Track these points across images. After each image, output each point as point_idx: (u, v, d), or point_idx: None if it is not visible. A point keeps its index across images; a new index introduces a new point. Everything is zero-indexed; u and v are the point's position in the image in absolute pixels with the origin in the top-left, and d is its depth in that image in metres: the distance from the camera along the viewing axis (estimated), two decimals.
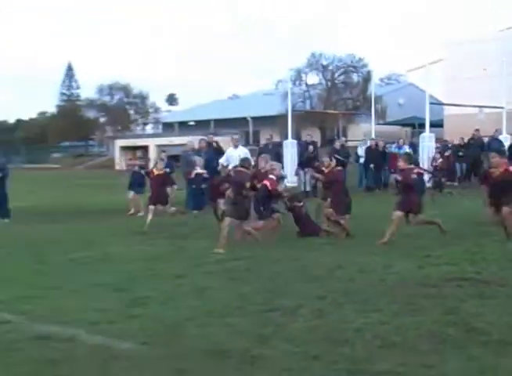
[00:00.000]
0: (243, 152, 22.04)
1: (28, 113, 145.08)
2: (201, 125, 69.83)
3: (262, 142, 40.36)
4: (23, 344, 7.32)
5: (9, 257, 13.44)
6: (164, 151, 24.59)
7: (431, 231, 14.50)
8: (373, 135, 36.40)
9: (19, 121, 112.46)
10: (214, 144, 25.14)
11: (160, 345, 7.11)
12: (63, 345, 7.25)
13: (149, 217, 17.17)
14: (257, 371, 6.23)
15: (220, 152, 24.18)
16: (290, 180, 30.60)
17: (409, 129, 53.32)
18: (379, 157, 30.99)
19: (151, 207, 17.46)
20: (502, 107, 36.08)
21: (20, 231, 15.45)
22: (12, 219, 19.93)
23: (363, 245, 13.53)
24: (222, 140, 38.88)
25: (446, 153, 29.17)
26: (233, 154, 22.13)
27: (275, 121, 52.29)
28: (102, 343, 7.29)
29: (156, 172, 18.65)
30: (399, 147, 30.54)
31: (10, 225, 18.65)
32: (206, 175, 22.07)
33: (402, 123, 56.11)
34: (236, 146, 23.51)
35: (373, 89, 49.46)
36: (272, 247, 13.53)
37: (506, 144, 30.27)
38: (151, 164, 21.29)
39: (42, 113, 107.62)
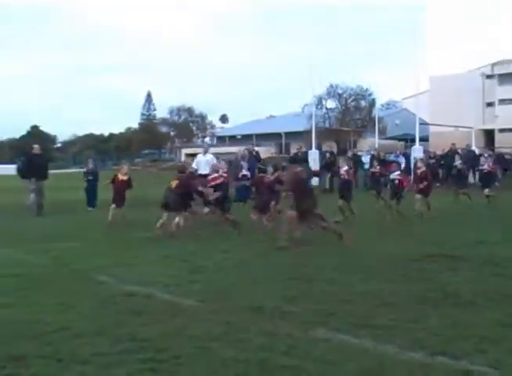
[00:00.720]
0: (210, 158, 20.26)
1: (118, 128, 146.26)
2: (246, 138, 69.82)
3: (293, 151, 40.23)
4: (115, 299, 7.52)
5: (112, 235, 13.67)
6: (217, 158, 24.15)
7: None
8: (376, 146, 36.16)
9: (111, 134, 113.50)
10: (254, 153, 24.92)
11: (213, 303, 7.24)
12: (144, 301, 7.43)
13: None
14: (286, 323, 6.34)
15: (258, 159, 24.21)
16: (313, 180, 30.64)
17: (403, 143, 52.80)
18: (380, 163, 30.83)
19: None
20: (471, 127, 38.93)
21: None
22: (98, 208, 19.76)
23: (370, 230, 13.54)
24: (261, 150, 39.16)
25: (431, 161, 29.34)
26: (201, 160, 20.22)
27: (302, 136, 51.86)
28: (171, 300, 7.45)
29: (120, 178, 16.06)
30: (396, 156, 30.43)
31: (98, 213, 18.29)
32: (248, 176, 22.30)
33: (398, 138, 55.56)
34: (205, 153, 21.00)
35: (376, 112, 49.42)
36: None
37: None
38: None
39: (128, 129, 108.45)
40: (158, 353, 5.44)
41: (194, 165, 19.77)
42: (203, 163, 19.47)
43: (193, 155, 65.79)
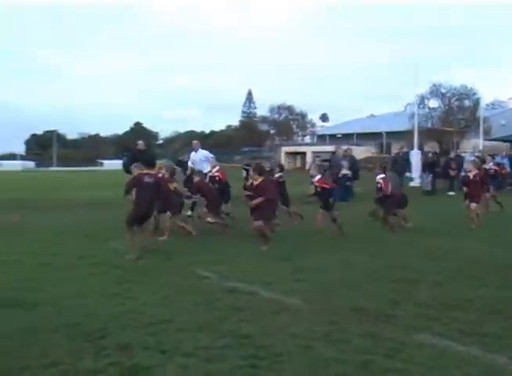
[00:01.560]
0: (203, 155, 18.44)
1: (219, 126, 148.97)
2: (346, 137, 69.36)
3: (394, 151, 39.61)
4: (218, 295, 7.59)
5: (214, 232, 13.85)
6: (317, 156, 23.82)
7: None
8: (481, 148, 34.95)
9: (212, 132, 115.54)
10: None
11: (316, 302, 7.16)
12: (246, 297, 7.45)
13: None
14: (389, 326, 6.18)
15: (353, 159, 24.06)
16: (416, 181, 30.03)
17: (508, 144, 50.78)
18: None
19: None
20: None
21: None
22: None
23: (471, 236, 13.06)
24: (361, 149, 38.67)
25: None
26: (194, 158, 18.53)
27: (403, 136, 50.87)
28: (274, 298, 7.42)
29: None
30: (502, 158, 29.22)
31: None
32: (349, 175, 22.13)
33: (504, 139, 53.52)
34: (196, 150, 18.80)
35: (481, 112, 47.63)
36: (398, 231, 13.30)
37: None
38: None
39: (229, 126, 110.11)
40: (259, 350, 5.42)
41: (190, 164, 18.47)
42: (197, 161, 18.14)
43: (293, 153, 66.39)
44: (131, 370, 4.92)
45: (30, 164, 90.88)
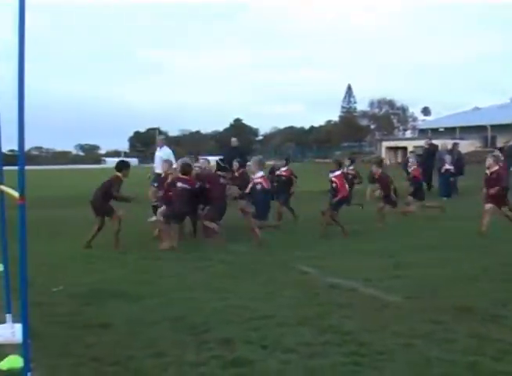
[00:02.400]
0: (165, 154, 15.75)
1: (318, 121, 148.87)
2: (448, 131, 67.46)
3: (499, 145, 38.11)
4: (319, 290, 7.57)
5: (305, 227, 13.82)
6: (412, 152, 22.83)
7: None
8: None
9: (312, 127, 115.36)
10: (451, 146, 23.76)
11: (417, 300, 6.99)
12: (346, 294, 7.38)
13: None
14: (497, 327, 5.93)
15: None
16: None
17: None
18: None
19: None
20: None
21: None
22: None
23: None
24: (465, 143, 37.38)
25: None
26: (156, 155, 16.34)
27: (509, 129, 49.01)
28: (374, 294, 7.32)
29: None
30: None
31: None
32: (452, 170, 21.49)
33: None
34: (160, 147, 16.51)
35: None
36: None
37: None
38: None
39: (328, 122, 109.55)
40: (361, 347, 5.35)
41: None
42: (158, 159, 15.61)
43: (394, 148, 65.21)
44: (233, 363, 4.96)
45: (134, 161, 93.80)
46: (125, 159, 14.41)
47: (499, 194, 12.13)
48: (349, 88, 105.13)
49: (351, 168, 15.25)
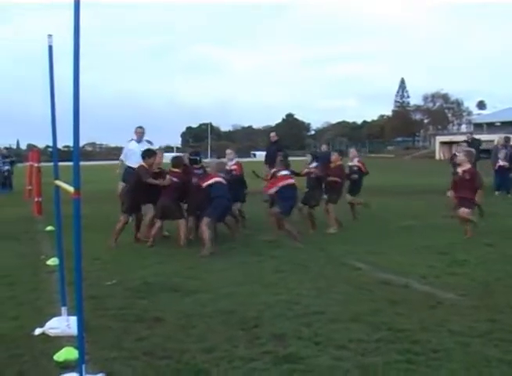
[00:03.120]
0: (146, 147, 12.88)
1: (371, 115, 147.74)
2: (506, 125, 65.96)
3: None
4: (370, 286, 7.46)
5: (357, 222, 13.72)
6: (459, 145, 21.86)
7: None
8: None
9: (364, 122, 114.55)
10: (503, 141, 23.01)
11: (474, 298, 6.82)
12: (399, 290, 7.26)
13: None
14: None
15: None
16: None
17: None
18: None
19: None
20: None
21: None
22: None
23: None
24: None
25: None
26: (133, 149, 13.55)
27: None
28: (429, 291, 7.19)
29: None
30: None
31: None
32: (507, 166, 21.01)
33: None
34: (139, 141, 13.79)
35: None
36: None
37: None
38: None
39: (381, 116, 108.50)
40: (415, 345, 5.25)
41: (122, 157, 14.11)
42: (137, 152, 12.81)
43: (448, 143, 64.21)
44: (285, 359, 4.94)
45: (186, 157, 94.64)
46: (178, 154, 14.31)
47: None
48: (402, 82, 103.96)
49: (356, 160, 14.61)
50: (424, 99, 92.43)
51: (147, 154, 11.32)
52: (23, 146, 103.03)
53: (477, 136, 27.48)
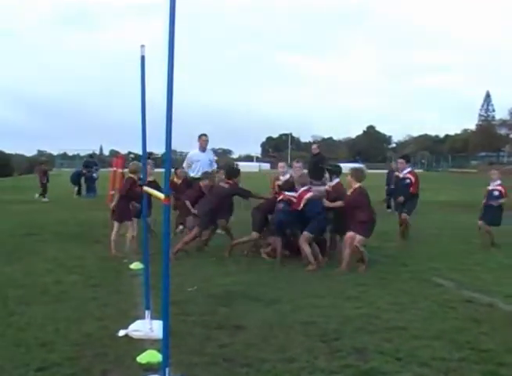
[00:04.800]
0: (211, 156, 13.75)
1: (454, 129, 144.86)
2: None
3: None
4: (454, 304, 7.32)
5: (440, 239, 13.43)
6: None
7: None
8: None
9: (447, 136, 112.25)
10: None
11: None
12: (483, 309, 7.10)
13: None
14: None
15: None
16: None
17: None
18: None
19: None
20: None
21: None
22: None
23: None
24: None
25: None
26: (199, 158, 13.37)
27: None
28: None
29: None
30: None
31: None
32: None
33: None
34: (203, 150, 13.39)
35: None
36: None
37: None
38: None
39: (465, 130, 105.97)
40: (501, 367, 5.12)
41: (185, 166, 13.74)
42: (205, 162, 13.34)
43: None
44: (366, 373, 4.91)
45: (266, 166, 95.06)
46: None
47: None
48: (488, 95, 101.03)
49: (407, 170, 12.78)
50: (510, 113, 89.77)
51: (234, 174, 11.16)
52: (106, 152, 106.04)
53: None
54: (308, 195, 9.98)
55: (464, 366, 5.13)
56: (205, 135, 13.43)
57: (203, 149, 13.28)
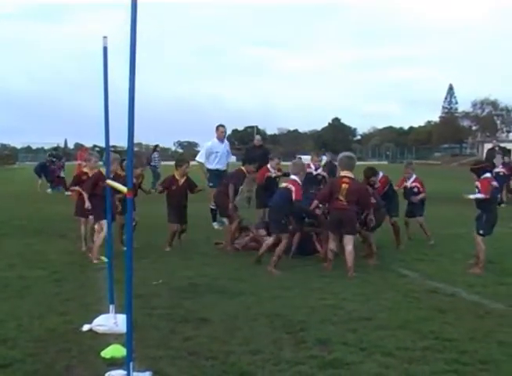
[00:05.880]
0: (228, 146, 13.70)
1: (418, 121, 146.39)
2: None
3: None
4: (418, 294, 7.40)
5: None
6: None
7: None
8: None
9: (411, 128, 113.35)
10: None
11: None
12: (447, 299, 7.20)
13: None
14: None
15: None
16: None
17: None
18: None
19: None
20: None
21: None
22: None
23: None
24: None
25: None
26: (218, 150, 13.20)
27: None
28: (477, 301, 7.11)
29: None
30: None
31: None
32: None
33: None
34: (222, 141, 13.29)
35: None
36: None
37: None
38: None
39: (428, 122, 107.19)
40: (463, 355, 5.18)
41: (201, 159, 13.33)
42: (224, 153, 13.43)
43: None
44: (330, 364, 4.92)
45: (232, 159, 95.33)
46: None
47: None
48: (451, 88, 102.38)
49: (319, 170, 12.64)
50: (473, 105, 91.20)
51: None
52: (71, 145, 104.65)
53: None
54: None
55: (428, 355, 5.18)
56: (222, 125, 13.22)
57: (221, 140, 13.07)
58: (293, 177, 9.16)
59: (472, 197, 8.86)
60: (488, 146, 68.94)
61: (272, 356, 5.12)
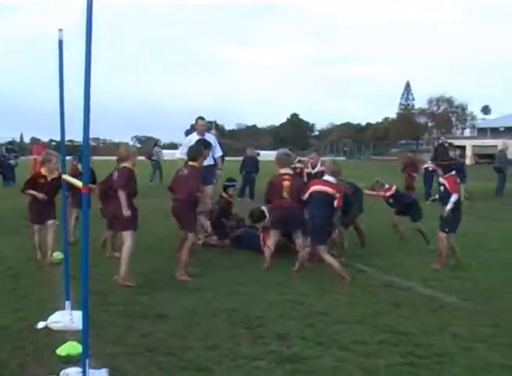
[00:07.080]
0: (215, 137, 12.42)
1: (375, 118, 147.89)
2: (509, 131, 65.89)
3: None
4: (375, 288, 7.49)
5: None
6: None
7: None
8: None
9: (368, 124, 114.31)
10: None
11: (477, 302, 6.84)
12: (403, 293, 7.29)
13: None
14: None
15: None
16: None
17: None
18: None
19: None
20: None
21: None
22: None
23: None
24: None
25: None
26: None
27: None
28: (432, 295, 7.22)
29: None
30: None
31: None
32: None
33: None
34: (202, 135, 11.60)
35: None
36: None
37: None
38: None
39: (386, 119, 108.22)
40: (418, 348, 5.26)
41: (181, 154, 11.19)
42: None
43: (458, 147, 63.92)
44: (288, 359, 4.94)
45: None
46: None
47: None
48: (408, 85, 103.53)
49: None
50: (429, 102, 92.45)
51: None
52: (27, 140, 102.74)
53: (479, 141, 27.32)
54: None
55: (383, 349, 5.24)
56: (201, 118, 11.94)
57: (201, 134, 11.73)
58: (331, 179, 8.41)
59: (449, 207, 8.69)
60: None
61: (229, 351, 5.12)
